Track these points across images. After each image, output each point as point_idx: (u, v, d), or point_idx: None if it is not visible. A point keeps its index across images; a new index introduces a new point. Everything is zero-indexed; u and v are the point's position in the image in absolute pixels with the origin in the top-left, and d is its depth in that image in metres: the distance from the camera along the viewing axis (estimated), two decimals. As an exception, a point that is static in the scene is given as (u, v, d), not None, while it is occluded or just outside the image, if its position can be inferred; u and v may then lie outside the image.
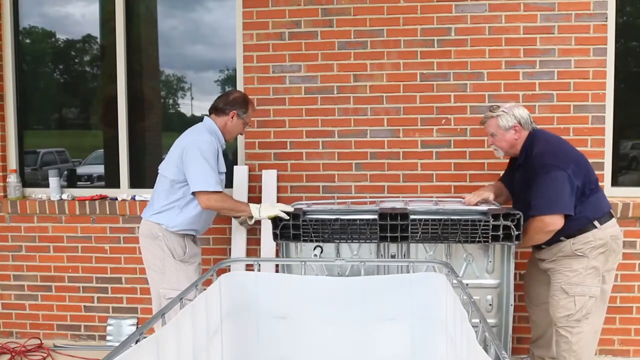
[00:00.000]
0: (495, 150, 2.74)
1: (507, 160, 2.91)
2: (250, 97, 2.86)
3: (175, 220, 2.62)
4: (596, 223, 2.49)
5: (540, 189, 2.44)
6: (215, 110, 2.74)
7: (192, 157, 2.55)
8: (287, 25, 3.31)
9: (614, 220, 2.56)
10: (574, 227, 2.48)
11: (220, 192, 2.58)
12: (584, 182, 2.47)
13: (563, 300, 2.53)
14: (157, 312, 1.74)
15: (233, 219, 3.29)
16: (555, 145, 2.57)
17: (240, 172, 3.37)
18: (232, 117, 2.70)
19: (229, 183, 3.38)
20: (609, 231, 2.51)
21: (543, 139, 2.59)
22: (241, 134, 2.88)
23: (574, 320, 2.51)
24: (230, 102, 2.72)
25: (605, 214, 2.53)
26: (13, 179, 3.59)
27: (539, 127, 2.70)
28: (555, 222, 2.41)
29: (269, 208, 2.59)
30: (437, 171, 3.28)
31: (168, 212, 2.62)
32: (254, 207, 2.61)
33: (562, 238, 2.52)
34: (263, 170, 3.37)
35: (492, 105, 2.72)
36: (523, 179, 2.59)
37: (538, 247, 2.67)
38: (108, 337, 3.56)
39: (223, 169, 2.68)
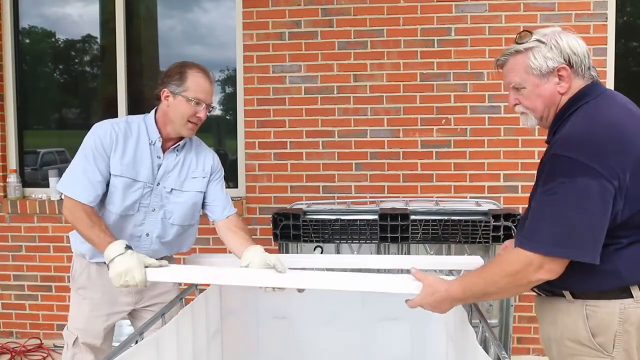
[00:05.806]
0: (522, 116, 1.49)
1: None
2: (196, 63, 1.89)
3: (74, 237, 1.94)
4: (635, 290, 1.36)
5: (546, 204, 1.33)
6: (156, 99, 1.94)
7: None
8: (287, 25, 3.31)
9: None
10: (593, 284, 1.37)
11: (79, 203, 1.76)
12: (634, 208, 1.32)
13: None
14: (157, 312, 1.74)
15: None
16: (596, 123, 1.34)
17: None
18: (166, 98, 1.84)
19: (232, 184, 3.39)
20: None
21: (595, 106, 1.37)
22: (195, 120, 1.85)
23: None
24: (160, 80, 1.89)
25: None
26: (13, 179, 3.58)
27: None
28: (553, 268, 1.31)
29: (125, 273, 1.63)
30: (437, 171, 3.28)
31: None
32: (110, 252, 1.66)
33: (564, 293, 1.42)
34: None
35: (520, 32, 1.44)
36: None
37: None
38: (108, 337, 3.55)
39: (129, 174, 1.84)
